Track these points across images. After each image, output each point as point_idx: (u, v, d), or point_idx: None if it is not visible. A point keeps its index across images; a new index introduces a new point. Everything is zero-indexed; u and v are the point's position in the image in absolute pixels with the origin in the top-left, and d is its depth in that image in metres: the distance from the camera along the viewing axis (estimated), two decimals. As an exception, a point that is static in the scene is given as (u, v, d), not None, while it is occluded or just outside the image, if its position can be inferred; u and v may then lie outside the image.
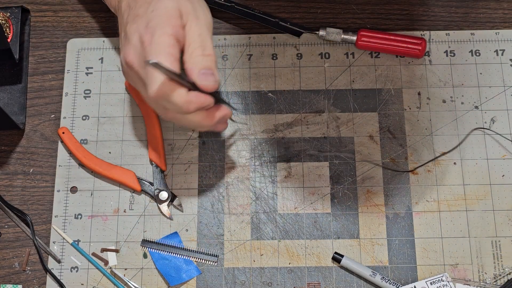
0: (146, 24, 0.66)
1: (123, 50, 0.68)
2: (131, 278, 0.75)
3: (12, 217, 0.78)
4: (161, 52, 0.64)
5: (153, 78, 0.64)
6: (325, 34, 0.83)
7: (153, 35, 0.65)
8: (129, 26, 0.68)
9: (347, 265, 0.74)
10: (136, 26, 0.67)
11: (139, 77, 0.67)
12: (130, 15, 0.69)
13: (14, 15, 0.84)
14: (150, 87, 0.65)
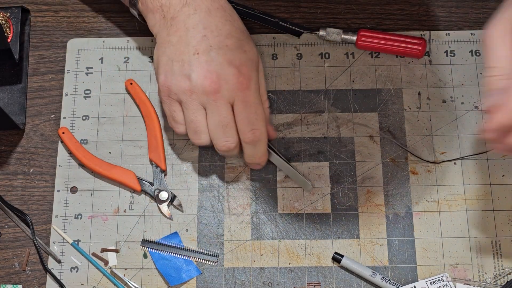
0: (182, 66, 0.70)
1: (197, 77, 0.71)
2: (131, 278, 0.75)
3: (12, 217, 0.78)
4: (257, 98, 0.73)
5: (257, 121, 0.72)
6: (325, 34, 0.83)
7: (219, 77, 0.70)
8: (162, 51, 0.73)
9: (347, 265, 0.74)
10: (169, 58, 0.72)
11: (208, 103, 0.71)
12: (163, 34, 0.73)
13: (14, 15, 0.84)
14: (254, 129, 0.72)
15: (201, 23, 0.71)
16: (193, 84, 0.70)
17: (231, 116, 0.71)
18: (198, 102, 0.70)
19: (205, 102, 0.70)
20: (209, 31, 0.71)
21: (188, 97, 0.70)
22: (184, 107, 0.72)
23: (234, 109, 0.71)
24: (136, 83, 0.82)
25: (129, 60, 0.84)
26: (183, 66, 0.70)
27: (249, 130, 0.71)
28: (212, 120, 0.71)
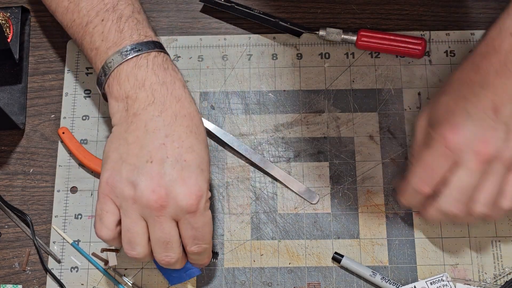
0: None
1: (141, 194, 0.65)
2: (131, 278, 0.75)
3: (12, 217, 0.78)
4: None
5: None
6: (325, 34, 0.83)
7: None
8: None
9: (347, 265, 0.74)
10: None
11: (152, 218, 0.65)
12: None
13: (14, 15, 0.84)
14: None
15: (163, 128, 0.64)
16: (138, 194, 0.63)
17: (175, 232, 0.65)
18: (139, 213, 0.64)
19: (148, 216, 0.64)
20: (170, 140, 0.64)
21: (130, 205, 0.64)
22: (123, 214, 0.64)
23: (179, 226, 0.65)
24: (136, 83, 0.82)
25: (129, 60, 0.84)
26: (132, 171, 0.63)
27: (195, 245, 0.66)
28: (153, 235, 0.64)
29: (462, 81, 0.68)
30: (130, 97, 0.66)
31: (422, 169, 0.68)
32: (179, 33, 0.85)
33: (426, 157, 0.68)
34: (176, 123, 0.65)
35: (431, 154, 0.67)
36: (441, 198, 0.67)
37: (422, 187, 0.68)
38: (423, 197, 0.69)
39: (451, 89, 0.69)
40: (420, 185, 0.68)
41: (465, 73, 0.68)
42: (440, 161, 0.67)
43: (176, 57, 0.84)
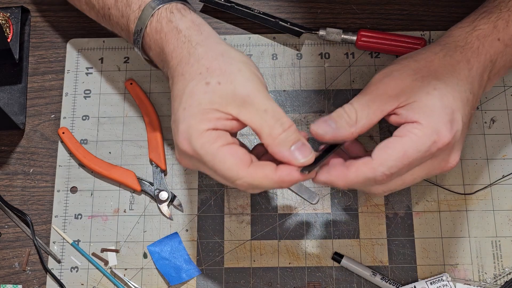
0: (176, 124, 0.62)
1: (175, 138, 0.63)
2: (131, 278, 0.75)
3: (12, 217, 0.78)
4: (208, 154, 0.60)
5: (229, 177, 0.61)
6: (325, 34, 0.83)
7: (190, 142, 0.61)
8: (174, 111, 0.64)
9: (347, 265, 0.74)
10: (174, 126, 0.63)
11: (201, 162, 0.62)
12: (173, 104, 0.64)
13: (14, 15, 0.84)
14: (235, 184, 0.61)
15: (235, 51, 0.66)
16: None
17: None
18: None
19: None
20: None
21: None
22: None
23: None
24: (136, 83, 0.82)
25: (129, 60, 0.84)
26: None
27: (230, 183, 0.62)
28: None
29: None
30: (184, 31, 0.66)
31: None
32: (179, 33, 0.85)
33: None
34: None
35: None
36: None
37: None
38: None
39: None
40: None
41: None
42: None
43: (176, 57, 0.84)
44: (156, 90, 0.83)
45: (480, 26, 0.68)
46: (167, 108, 0.82)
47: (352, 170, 0.62)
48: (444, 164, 0.64)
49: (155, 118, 0.80)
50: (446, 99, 0.63)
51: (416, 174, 0.64)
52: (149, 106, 0.81)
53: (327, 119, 0.63)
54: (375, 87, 0.64)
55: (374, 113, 0.63)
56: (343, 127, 0.63)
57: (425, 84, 0.63)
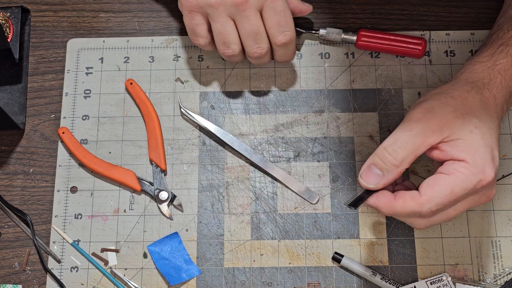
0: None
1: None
2: (131, 278, 0.75)
3: (12, 217, 0.78)
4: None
5: (287, 23, 0.75)
6: (325, 33, 0.83)
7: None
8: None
9: (347, 265, 0.74)
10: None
11: (239, 13, 0.73)
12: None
13: (14, 15, 0.84)
14: (285, 33, 0.75)
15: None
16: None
17: (261, 23, 0.73)
18: (227, 14, 0.73)
19: (234, 13, 0.73)
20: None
21: (216, 10, 0.73)
22: (212, 20, 0.74)
23: (263, 16, 0.73)
24: (136, 83, 0.82)
25: (129, 60, 0.84)
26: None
27: (280, 33, 0.74)
28: (243, 30, 0.74)
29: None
30: None
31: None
32: (179, 33, 0.85)
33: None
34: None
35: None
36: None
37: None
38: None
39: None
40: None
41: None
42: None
43: (176, 57, 0.84)
44: (156, 90, 0.83)
45: (499, 61, 0.70)
46: (167, 108, 0.82)
47: (399, 201, 0.64)
48: (485, 198, 0.66)
49: (155, 118, 0.80)
50: (486, 137, 0.65)
51: (458, 209, 0.65)
52: (149, 106, 0.81)
53: (372, 167, 0.65)
54: (418, 122, 0.65)
55: (418, 148, 0.64)
56: (390, 171, 0.64)
57: (466, 122, 0.64)
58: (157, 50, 0.84)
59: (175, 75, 0.83)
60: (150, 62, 0.84)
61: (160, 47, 0.84)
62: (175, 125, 0.81)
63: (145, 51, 0.84)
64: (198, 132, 0.81)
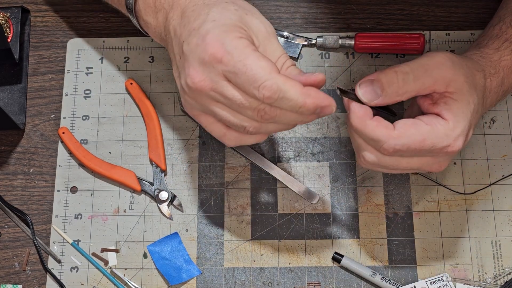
0: (203, 34, 0.59)
1: (187, 73, 0.60)
2: (131, 278, 0.75)
3: (12, 217, 0.78)
4: (242, 54, 0.58)
5: (258, 76, 0.57)
6: (322, 42, 0.82)
7: (223, 43, 0.58)
8: (187, 44, 0.60)
9: (347, 265, 0.74)
10: (196, 40, 0.59)
11: (213, 96, 0.60)
12: (184, 33, 0.62)
13: (14, 15, 0.84)
14: (261, 87, 0.57)
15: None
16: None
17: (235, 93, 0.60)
18: (210, 100, 0.62)
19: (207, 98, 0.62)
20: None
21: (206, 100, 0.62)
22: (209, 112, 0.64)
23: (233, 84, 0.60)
24: (136, 83, 0.82)
25: (129, 60, 0.84)
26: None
27: (255, 89, 0.58)
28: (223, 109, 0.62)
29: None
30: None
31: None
32: (179, 33, 0.85)
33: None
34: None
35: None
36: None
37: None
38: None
39: None
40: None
41: None
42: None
43: (176, 57, 0.84)
44: (156, 90, 0.83)
45: (505, 57, 0.71)
46: (167, 108, 0.82)
47: (373, 122, 0.63)
48: (437, 166, 0.66)
49: (155, 118, 0.80)
50: (473, 116, 0.65)
51: (411, 164, 0.65)
52: (149, 106, 0.81)
53: (374, 82, 0.63)
54: (437, 66, 0.64)
55: (425, 89, 0.64)
56: (389, 97, 0.63)
57: (470, 91, 0.65)
58: (157, 50, 0.84)
59: (175, 75, 0.83)
60: (150, 62, 0.84)
61: (160, 47, 0.84)
62: (175, 125, 0.81)
63: (145, 51, 0.84)
64: (198, 132, 0.81)
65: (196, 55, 0.59)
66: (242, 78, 0.58)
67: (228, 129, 0.63)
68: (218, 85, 0.59)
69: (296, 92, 0.58)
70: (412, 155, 0.64)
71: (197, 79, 0.60)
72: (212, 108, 0.61)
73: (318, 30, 0.85)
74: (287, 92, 0.58)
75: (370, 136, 0.63)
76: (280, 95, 0.58)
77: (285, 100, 0.58)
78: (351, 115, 0.63)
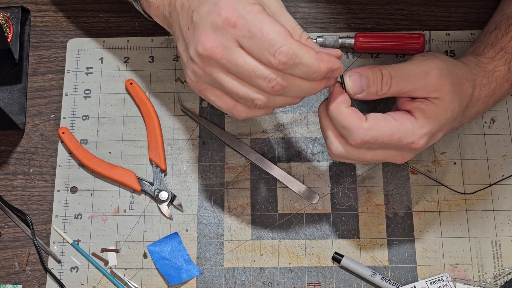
0: (217, 1, 0.58)
1: (197, 40, 0.58)
2: (131, 278, 0.75)
3: (12, 217, 0.78)
4: (256, 18, 0.57)
5: (274, 41, 0.56)
6: (322, 41, 0.82)
7: (236, 8, 0.57)
8: (197, 13, 0.59)
9: (347, 265, 0.74)
10: (208, 7, 0.58)
11: (224, 64, 0.59)
12: (193, 4, 0.61)
13: (14, 15, 0.84)
14: (277, 52, 0.56)
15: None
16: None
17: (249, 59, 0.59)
18: (221, 67, 0.60)
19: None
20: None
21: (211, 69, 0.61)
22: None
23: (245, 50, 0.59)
24: (136, 83, 0.82)
25: (129, 60, 0.84)
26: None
27: (271, 56, 0.57)
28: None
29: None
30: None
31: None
32: (179, 33, 0.85)
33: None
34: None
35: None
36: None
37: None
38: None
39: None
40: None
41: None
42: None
43: (176, 57, 0.84)
44: (156, 90, 0.83)
45: (499, 67, 0.71)
46: (167, 108, 0.82)
47: (348, 110, 0.64)
48: (401, 158, 0.67)
49: (155, 118, 0.80)
50: (451, 121, 0.67)
51: (377, 156, 0.66)
52: (149, 106, 0.81)
53: (363, 78, 0.65)
54: (424, 73, 0.65)
55: (405, 92, 0.65)
56: (371, 94, 0.65)
57: (453, 100, 0.65)
58: (157, 50, 0.84)
59: (175, 75, 0.83)
60: (150, 62, 0.84)
61: (160, 47, 0.84)
62: (175, 125, 0.81)
63: (145, 51, 0.84)
64: (198, 132, 0.81)
65: (208, 22, 0.58)
66: (257, 43, 0.57)
67: (236, 101, 0.62)
68: (230, 51, 0.58)
69: (311, 58, 0.58)
70: (378, 148, 0.65)
71: (209, 45, 0.58)
72: (221, 79, 0.60)
73: (318, 30, 0.85)
74: (303, 57, 0.57)
75: (342, 123, 0.63)
76: (296, 61, 0.57)
77: (300, 66, 0.58)
78: (332, 98, 0.64)
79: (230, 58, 0.58)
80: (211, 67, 0.60)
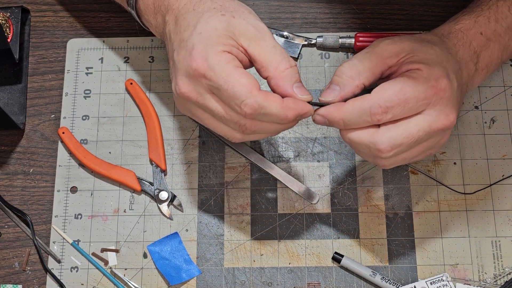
0: (189, 47, 0.62)
1: (175, 81, 0.64)
2: (131, 278, 0.75)
3: (12, 217, 0.78)
4: (224, 71, 0.60)
5: (239, 94, 0.60)
6: (322, 41, 0.82)
7: (206, 59, 0.61)
8: (177, 54, 0.64)
9: (347, 265, 0.74)
10: (184, 54, 0.62)
11: (199, 106, 0.63)
12: (175, 42, 0.65)
13: (14, 15, 0.84)
14: (243, 104, 0.60)
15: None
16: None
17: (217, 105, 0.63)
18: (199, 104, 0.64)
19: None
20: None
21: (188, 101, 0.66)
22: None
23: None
24: (136, 83, 0.82)
25: (129, 60, 0.84)
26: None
27: (237, 107, 0.61)
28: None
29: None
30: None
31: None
32: (179, 33, 0.85)
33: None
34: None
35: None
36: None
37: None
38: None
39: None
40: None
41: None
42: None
43: (176, 57, 0.84)
44: (156, 90, 0.83)
45: (462, 21, 0.71)
46: (167, 108, 0.82)
47: (349, 103, 0.63)
48: (444, 117, 0.63)
49: (155, 118, 0.80)
50: (444, 62, 0.65)
51: (419, 124, 0.63)
52: (149, 106, 0.81)
53: (330, 85, 0.65)
54: (374, 46, 0.66)
55: (376, 65, 0.65)
56: (347, 85, 0.65)
57: (424, 45, 0.66)
58: (157, 50, 0.84)
59: (175, 75, 0.83)
60: (150, 62, 0.84)
61: (160, 47, 0.84)
62: (175, 125, 0.81)
63: (145, 51, 0.84)
64: (198, 132, 0.81)
65: (183, 67, 0.62)
66: (225, 95, 0.61)
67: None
68: (202, 97, 0.62)
69: (276, 108, 0.61)
70: (405, 108, 0.62)
71: (183, 90, 0.63)
72: (198, 115, 0.65)
73: (318, 30, 0.85)
74: (267, 108, 0.60)
75: (355, 115, 0.63)
76: (261, 112, 0.61)
77: (267, 115, 0.61)
78: (330, 113, 0.64)
79: (203, 103, 0.63)
80: (189, 105, 0.64)
